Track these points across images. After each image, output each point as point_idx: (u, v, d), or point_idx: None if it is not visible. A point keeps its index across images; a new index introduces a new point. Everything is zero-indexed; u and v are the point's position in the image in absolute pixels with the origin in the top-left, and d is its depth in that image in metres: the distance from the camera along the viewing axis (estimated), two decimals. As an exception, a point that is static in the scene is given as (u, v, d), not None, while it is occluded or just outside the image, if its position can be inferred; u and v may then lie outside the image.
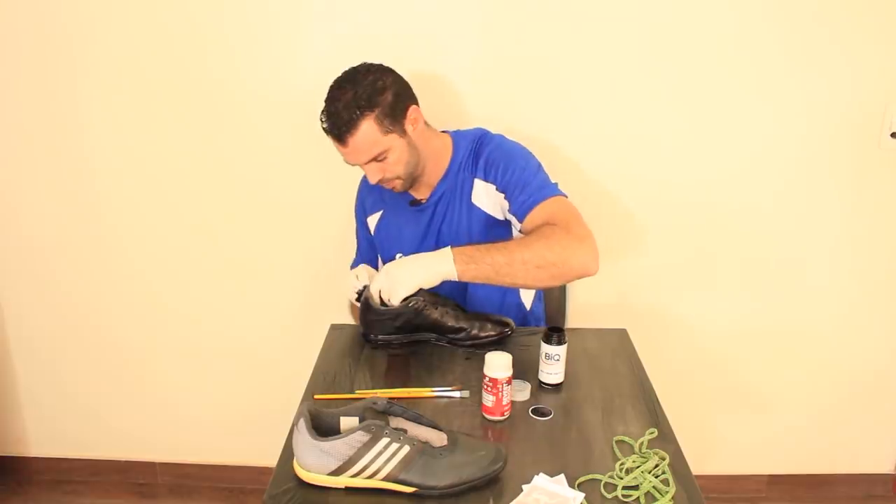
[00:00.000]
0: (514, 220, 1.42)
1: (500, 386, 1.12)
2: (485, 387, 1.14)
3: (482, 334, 1.37)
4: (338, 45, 1.75)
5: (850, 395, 2.06)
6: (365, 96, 1.33)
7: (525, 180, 1.40)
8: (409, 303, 1.31)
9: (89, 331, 2.04)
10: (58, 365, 2.08)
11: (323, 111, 1.36)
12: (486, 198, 1.46)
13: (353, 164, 1.41)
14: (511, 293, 1.57)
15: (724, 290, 1.96)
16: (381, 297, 1.32)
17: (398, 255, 1.53)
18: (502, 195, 1.43)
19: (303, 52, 1.77)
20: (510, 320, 1.40)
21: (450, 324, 1.36)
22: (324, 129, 1.37)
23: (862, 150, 1.82)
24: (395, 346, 1.37)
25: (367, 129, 1.34)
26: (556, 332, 1.22)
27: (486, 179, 1.46)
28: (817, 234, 1.90)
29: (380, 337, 1.37)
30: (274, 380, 2.02)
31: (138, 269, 1.97)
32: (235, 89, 1.80)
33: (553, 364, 1.23)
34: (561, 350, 1.22)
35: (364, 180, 1.63)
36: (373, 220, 1.61)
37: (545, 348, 1.23)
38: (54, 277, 1.99)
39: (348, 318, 1.59)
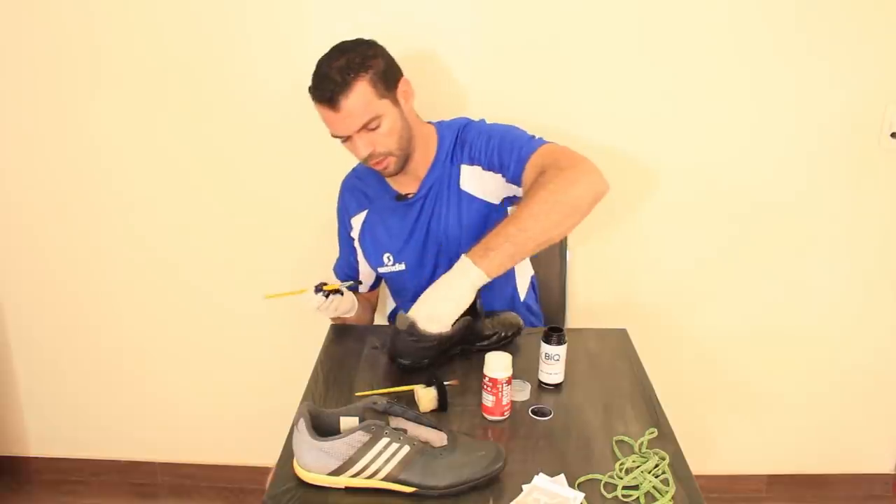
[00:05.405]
0: (515, 188, 1.37)
1: (499, 386, 1.12)
2: (485, 387, 1.14)
3: (507, 334, 1.36)
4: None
5: (850, 395, 2.06)
6: (357, 60, 1.29)
7: (510, 145, 1.37)
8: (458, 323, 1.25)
9: (89, 331, 2.04)
10: (58, 365, 2.08)
11: (313, 79, 1.30)
12: (475, 181, 1.43)
13: (342, 136, 1.33)
14: (507, 286, 1.55)
15: (724, 290, 1.95)
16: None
17: (386, 256, 1.50)
18: (490, 172, 1.40)
19: (301, 52, 1.77)
20: (517, 314, 1.40)
21: (486, 332, 1.34)
22: (314, 95, 1.30)
23: (862, 150, 1.82)
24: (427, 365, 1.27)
25: (362, 90, 1.28)
26: (556, 332, 1.22)
27: (471, 163, 1.42)
28: (817, 234, 1.90)
29: (424, 362, 1.26)
30: (274, 380, 2.02)
31: (138, 268, 1.97)
32: (235, 90, 1.80)
33: (553, 364, 1.23)
34: (561, 350, 1.22)
35: (346, 180, 1.58)
36: (357, 221, 1.55)
37: (545, 348, 1.23)
38: (54, 277, 1.99)
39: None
